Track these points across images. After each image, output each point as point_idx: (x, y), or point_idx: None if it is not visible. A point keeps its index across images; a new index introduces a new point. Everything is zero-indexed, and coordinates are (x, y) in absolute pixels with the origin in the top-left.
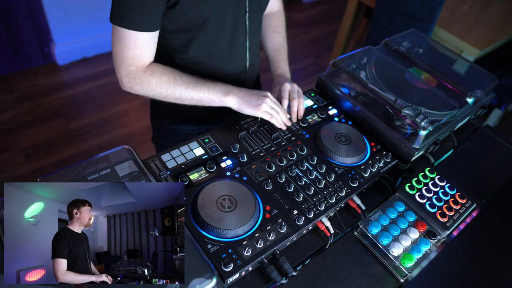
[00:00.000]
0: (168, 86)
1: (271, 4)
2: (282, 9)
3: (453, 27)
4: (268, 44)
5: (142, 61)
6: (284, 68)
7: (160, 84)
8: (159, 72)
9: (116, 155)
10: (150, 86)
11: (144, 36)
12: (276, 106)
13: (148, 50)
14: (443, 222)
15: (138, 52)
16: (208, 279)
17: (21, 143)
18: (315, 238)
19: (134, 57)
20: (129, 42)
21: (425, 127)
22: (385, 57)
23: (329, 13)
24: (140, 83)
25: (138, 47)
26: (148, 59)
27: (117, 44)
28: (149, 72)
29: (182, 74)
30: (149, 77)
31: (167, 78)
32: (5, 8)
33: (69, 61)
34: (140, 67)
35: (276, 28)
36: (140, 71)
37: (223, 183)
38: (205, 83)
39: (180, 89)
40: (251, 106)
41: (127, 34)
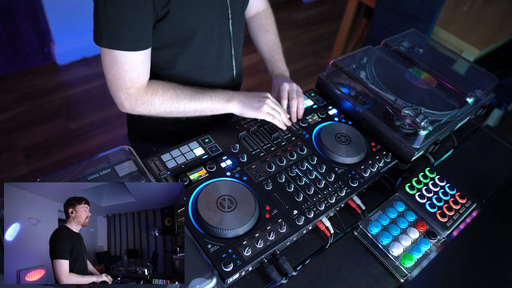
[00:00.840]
0: (171, 103)
1: (256, 4)
2: (268, 6)
3: (453, 27)
4: (262, 45)
5: (141, 82)
6: (281, 67)
7: (163, 102)
8: (161, 90)
9: (116, 155)
10: (153, 105)
11: (140, 55)
12: (276, 107)
13: (145, 68)
14: (443, 222)
15: (136, 74)
16: (208, 279)
17: (21, 143)
18: (315, 238)
19: (132, 79)
20: (125, 65)
21: (425, 127)
22: (385, 57)
23: (329, 13)
24: (142, 105)
25: (135, 68)
26: (147, 78)
27: (112, 68)
28: (150, 91)
29: (182, 87)
30: (151, 97)
31: (169, 94)
32: (5, 8)
33: (69, 61)
34: (140, 88)
35: (267, 27)
36: (141, 92)
37: (223, 183)
38: (205, 92)
39: (184, 103)
40: (253, 109)
41: (122, 56)
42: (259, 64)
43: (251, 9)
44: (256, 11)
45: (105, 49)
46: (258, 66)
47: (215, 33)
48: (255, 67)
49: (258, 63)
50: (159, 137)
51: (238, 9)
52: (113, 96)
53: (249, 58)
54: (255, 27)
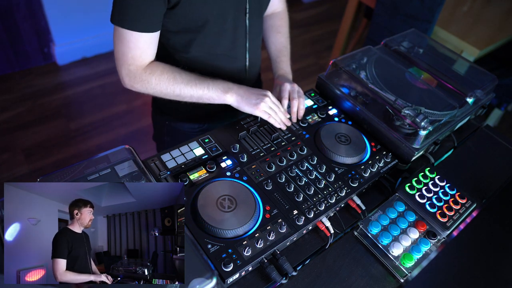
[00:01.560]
0: (167, 84)
1: (274, 4)
2: (285, 9)
3: (453, 27)
4: (271, 45)
5: (142, 61)
6: (285, 68)
7: (159, 83)
8: (159, 71)
9: (116, 155)
10: (150, 84)
11: (145, 36)
12: (275, 106)
13: (149, 50)
14: (443, 222)
15: (139, 52)
16: (208, 279)
17: (21, 143)
18: (315, 238)
19: (134, 57)
20: (129, 42)
21: (425, 127)
22: (385, 57)
23: (329, 13)
24: (140, 82)
25: (138, 47)
26: (149, 59)
27: (119, 44)
28: (149, 71)
29: (182, 72)
30: (148, 75)
31: (166, 76)
32: (5, 8)
33: (69, 61)
34: (140, 66)
35: (279, 28)
36: (140, 70)
37: (223, 183)
38: (204, 80)
39: (180, 87)
40: (250, 105)
41: (128, 34)
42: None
43: (269, 8)
44: (272, 11)
45: (116, 27)
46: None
47: (228, 24)
48: None
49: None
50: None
51: (256, 5)
52: (118, 71)
53: None
54: (268, 26)
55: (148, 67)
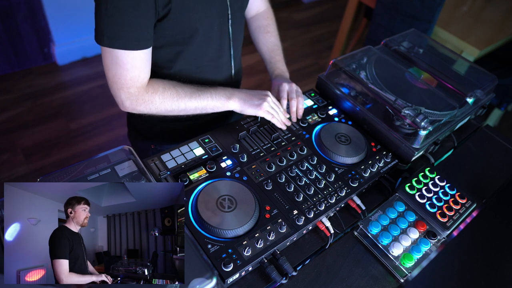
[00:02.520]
0: (172, 101)
1: (256, 5)
2: (269, 7)
3: (453, 27)
4: (262, 46)
5: (142, 81)
6: (281, 68)
7: (164, 101)
8: (161, 88)
9: (116, 155)
10: (154, 104)
11: (141, 54)
12: (276, 106)
13: (146, 68)
14: (443, 222)
15: (137, 73)
16: (208, 279)
17: (21, 143)
18: (315, 238)
19: (133, 78)
20: (126, 64)
21: (425, 127)
22: (385, 57)
23: (329, 13)
24: (143, 103)
25: (136, 67)
26: (147, 77)
27: (113, 67)
28: (151, 90)
29: (182, 85)
30: (152, 95)
31: (169, 93)
32: (5, 8)
33: (69, 61)
34: (141, 87)
35: (267, 28)
36: (142, 91)
37: (223, 183)
38: (206, 90)
39: (184, 101)
40: (253, 106)
41: (123, 55)
42: (258, 64)
43: (251, 9)
44: (256, 12)
45: (106, 48)
46: (258, 66)
47: (214, 32)
48: (254, 67)
49: (257, 63)
50: (158, 135)
51: (237, 9)
52: (114, 95)
53: (249, 58)
54: (255, 28)
55: (149, 87)
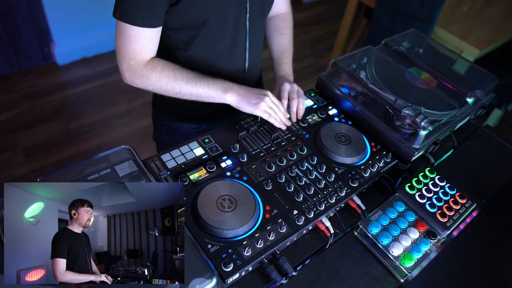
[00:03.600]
0: (167, 81)
1: (278, 6)
2: (289, 11)
3: (453, 27)
4: (273, 46)
5: (143, 56)
6: (286, 70)
7: (159, 79)
8: (159, 67)
9: (116, 155)
10: (150, 80)
11: (146, 31)
12: (275, 106)
13: (150, 45)
14: (443, 222)
15: (140, 47)
16: (208, 279)
17: (21, 143)
18: (315, 238)
19: (135, 52)
20: (130, 37)
21: (425, 127)
22: (385, 57)
23: (329, 13)
24: (140, 77)
25: (139, 42)
26: (150, 54)
27: (120, 38)
28: (149, 67)
29: (183, 69)
30: (149, 72)
31: (167, 73)
32: (5, 8)
33: (69, 61)
34: (141, 62)
35: (282, 30)
36: (141, 65)
37: (223, 183)
38: (205, 79)
39: (180, 84)
40: (250, 104)
41: (129, 29)
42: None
43: (273, 9)
44: (276, 13)
45: (118, 21)
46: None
47: (229, 22)
48: None
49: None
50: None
51: (257, 5)
52: (118, 65)
53: None
54: (271, 28)
55: (149, 63)
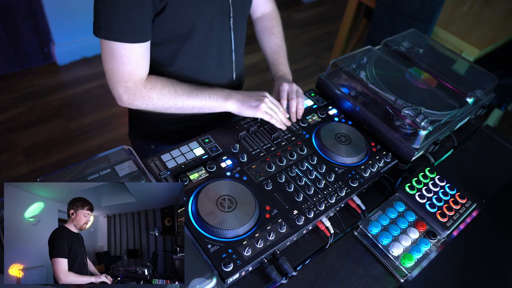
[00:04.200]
0: (169, 98)
1: (261, 6)
2: (275, 8)
3: (453, 27)
4: (266, 48)
5: (139, 75)
6: (284, 70)
7: (161, 97)
8: (159, 85)
9: (116, 155)
10: (152, 100)
11: (137, 48)
12: (275, 107)
13: (143, 62)
14: (443, 222)
15: (134, 66)
16: (208, 279)
17: (21, 143)
18: (315, 238)
19: (130, 72)
20: (123, 57)
21: (425, 127)
22: (385, 57)
23: (329, 13)
24: (141, 99)
25: (133, 61)
26: (145, 72)
27: (110, 60)
28: (149, 86)
29: (180, 83)
30: (149, 91)
31: (167, 90)
32: (5, 8)
33: (69, 61)
34: (138, 82)
35: (272, 29)
36: (140, 86)
37: (223, 183)
38: (204, 90)
39: (182, 99)
40: (251, 108)
41: (119, 48)
42: (259, 64)
43: (257, 10)
44: (262, 13)
45: (104, 41)
46: (258, 66)
47: (214, 31)
48: (255, 67)
49: (258, 63)
50: (159, 135)
51: (240, 8)
52: (112, 89)
53: (249, 58)
54: (260, 29)
55: (148, 82)
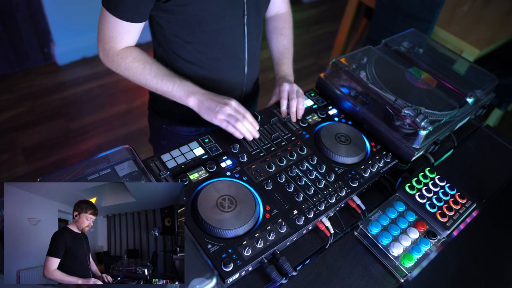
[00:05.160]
0: (135, 72)
1: (277, 6)
2: (288, 11)
3: (453, 27)
4: (273, 47)
5: (116, 44)
6: (286, 71)
7: (128, 69)
8: (131, 58)
9: (116, 155)
10: (119, 68)
11: (125, 24)
12: (239, 115)
13: (126, 36)
14: (443, 222)
15: (115, 35)
16: (208, 279)
17: (21, 143)
18: (315, 238)
19: (110, 37)
20: (109, 23)
21: (425, 127)
22: (385, 57)
23: (329, 13)
24: (111, 62)
25: (116, 30)
26: (124, 44)
27: (101, 21)
28: (121, 55)
29: (154, 64)
30: (120, 59)
31: (136, 65)
32: (5, 8)
33: (69, 61)
34: (114, 48)
35: (282, 30)
36: (113, 51)
37: (223, 183)
38: (172, 78)
39: (146, 78)
40: (209, 112)
41: (109, 16)
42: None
43: (271, 9)
44: (275, 13)
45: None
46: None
47: (226, 23)
48: None
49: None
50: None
51: (254, 5)
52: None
53: None
54: (271, 28)
55: (121, 51)
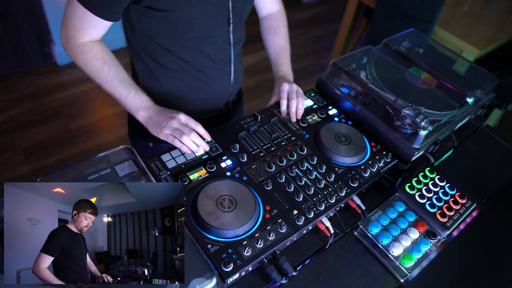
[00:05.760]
0: (92, 70)
1: (268, 5)
2: (281, 9)
3: (453, 27)
4: (270, 47)
5: (80, 34)
6: (285, 71)
7: (85, 64)
8: (91, 54)
9: (116, 155)
10: (77, 60)
11: (93, 17)
12: (185, 128)
13: (92, 31)
14: (443, 222)
15: (80, 25)
16: (208, 279)
17: (21, 143)
18: (315, 238)
19: (74, 26)
20: (76, 13)
21: (425, 127)
22: (385, 57)
23: (329, 13)
24: (70, 51)
25: (82, 21)
26: (88, 38)
27: (68, 7)
28: (81, 48)
29: (114, 67)
30: (79, 52)
31: (95, 63)
32: (5, 8)
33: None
34: (76, 38)
35: (276, 29)
36: (74, 42)
37: (223, 183)
38: (128, 86)
39: (102, 79)
40: (155, 127)
41: (79, 6)
42: (258, 64)
43: (263, 9)
44: (268, 12)
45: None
46: (258, 66)
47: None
48: (254, 67)
49: (257, 63)
50: None
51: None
52: None
53: (250, 58)
54: (265, 28)
55: (83, 44)
